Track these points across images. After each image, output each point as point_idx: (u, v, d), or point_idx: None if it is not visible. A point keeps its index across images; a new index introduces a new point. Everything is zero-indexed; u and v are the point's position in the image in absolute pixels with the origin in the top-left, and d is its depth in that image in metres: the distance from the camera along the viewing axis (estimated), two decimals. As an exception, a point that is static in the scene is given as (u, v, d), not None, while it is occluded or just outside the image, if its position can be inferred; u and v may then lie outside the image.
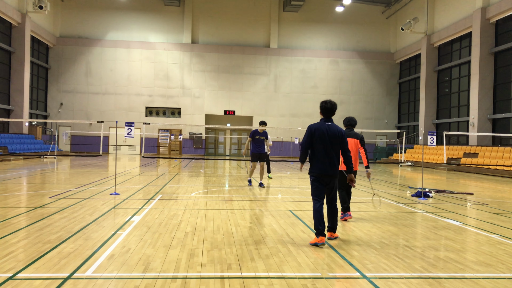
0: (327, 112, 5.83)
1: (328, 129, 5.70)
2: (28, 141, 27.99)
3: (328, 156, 5.68)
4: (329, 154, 5.68)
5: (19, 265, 4.46)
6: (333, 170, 5.70)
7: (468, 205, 9.73)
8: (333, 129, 5.71)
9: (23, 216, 7.17)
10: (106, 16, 35.00)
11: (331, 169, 5.69)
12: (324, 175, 5.69)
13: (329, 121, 5.82)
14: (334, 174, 5.72)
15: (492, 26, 25.18)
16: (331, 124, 5.77)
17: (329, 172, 5.69)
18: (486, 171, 21.15)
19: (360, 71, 36.93)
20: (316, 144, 5.69)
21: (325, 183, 5.75)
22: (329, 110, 5.81)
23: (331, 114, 5.84)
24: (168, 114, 35.46)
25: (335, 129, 5.74)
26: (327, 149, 5.68)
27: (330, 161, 5.69)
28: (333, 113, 5.86)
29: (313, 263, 4.83)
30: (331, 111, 5.82)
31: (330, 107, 5.82)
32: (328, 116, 5.83)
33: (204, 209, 8.33)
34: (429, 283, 4.26)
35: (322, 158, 5.67)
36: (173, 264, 4.66)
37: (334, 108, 5.85)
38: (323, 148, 5.67)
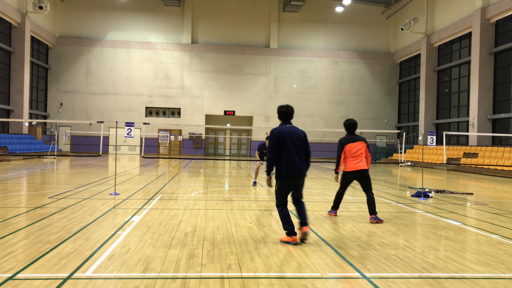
0: (285, 116, 6.02)
1: (292, 131, 5.87)
2: (28, 141, 27.98)
3: (297, 157, 5.81)
4: (298, 155, 5.83)
5: (19, 265, 4.46)
6: (302, 171, 5.86)
7: (468, 205, 9.73)
8: (297, 131, 5.92)
9: (23, 216, 7.17)
10: (106, 16, 35.00)
11: (301, 170, 5.84)
12: (294, 176, 5.80)
13: (288, 123, 6.01)
14: (301, 174, 5.87)
15: (492, 26, 25.18)
16: (292, 126, 5.94)
17: (300, 172, 5.82)
18: (486, 171, 21.15)
19: (360, 71, 36.94)
20: (284, 147, 5.78)
21: (292, 184, 5.85)
22: (286, 114, 6.01)
23: (289, 118, 6.03)
24: (168, 114, 35.46)
25: (300, 131, 5.96)
26: (295, 150, 5.81)
27: (299, 161, 5.83)
28: (291, 116, 6.04)
29: (313, 263, 4.83)
30: (288, 114, 6.01)
31: (286, 111, 6.01)
32: (287, 119, 6.03)
33: (204, 209, 8.33)
34: (429, 283, 4.26)
35: (291, 160, 5.77)
36: (173, 264, 4.66)
37: (291, 111, 6.04)
38: (292, 150, 5.79)
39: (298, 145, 5.83)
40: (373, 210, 7.29)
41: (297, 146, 5.82)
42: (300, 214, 5.89)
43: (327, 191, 11.91)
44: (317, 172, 19.91)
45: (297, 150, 5.82)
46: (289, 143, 5.78)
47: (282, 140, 5.77)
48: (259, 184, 13.41)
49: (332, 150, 34.20)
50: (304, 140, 5.94)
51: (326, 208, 8.86)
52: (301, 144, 5.88)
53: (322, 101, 36.55)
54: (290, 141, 5.78)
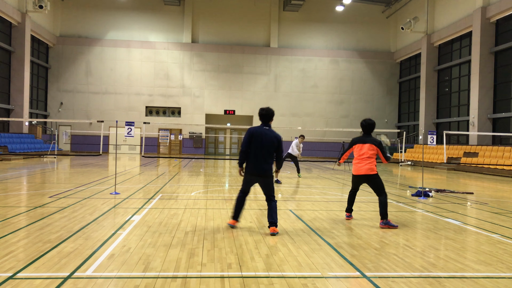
0: (263, 118, 6.43)
1: (265, 133, 6.26)
2: (28, 140, 27.99)
3: (259, 157, 6.22)
4: (260, 156, 6.22)
5: (19, 265, 4.46)
6: (262, 171, 6.23)
7: (468, 205, 9.73)
8: (270, 135, 6.27)
9: (23, 215, 7.17)
10: (106, 15, 34.99)
11: (261, 170, 6.23)
12: (254, 174, 6.27)
13: (266, 125, 6.40)
14: (263, 174, 6.24)
15: (492, 26, 25.17)
16: (268, 129, 6.34)
17: (260, 172, 6.23)
18: (486, 171, 21.14)
19: (360, 70, 36.92)
20: (254, 146, 6.24)
21: (256, 181, 6.34)
22: (265, 116, 6.41)
23: (267, 120, 6.42)
24: (168, 114, 35.46)
25: (272, 135, 6.29)
26: (261, 152, 6.22)
27: (261, 162, 6.23)
28: (270, 118, 6.43)
29: (313, 262, 4.83)
30: (267, 117, 6.41)
31: (265, 113, 6.41)
32: (265, 121, 6.42)
33: (204, 208, 8.33)
34: (429, 282, 4.26)
35: (255, 159, 6.23)
36: (173, 263, 4.66)
37: (270, 114, 6.43)
38: (258, 150, 6.23)
39: (265, 147, 6.21)
40: (383, 213, 6.91)
41: (264, 148, 6.21)
42: (268, 215, 6.23)
43: (327, 191, 11.91)
44: (318, 171, 19.91)
45: (263, 151, 6.21)
46: (258, 143, 6.22)
47: (253, 139, 6.24)
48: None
49: (332, 150, 34.27)
50: (275, 144, 6.26)
51: (326, 207, 8.86)
52: (269, 147, 6.23)
53: (322, 101, 36.55)
54: (259, 142, 6.22)
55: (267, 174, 6.25)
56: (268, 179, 6.27)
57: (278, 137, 6.33)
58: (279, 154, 6.38)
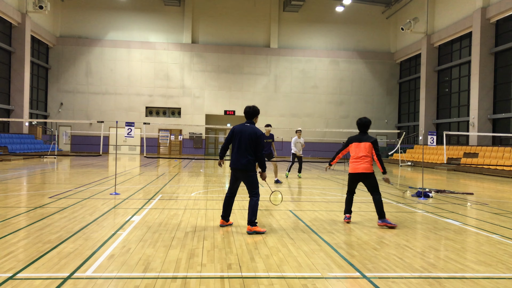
0: (246, 115, 6.74)
1: (244, 129, 6.50)
2: (28, 141, 27.99)
3: (238, 152, 6.45)
4: (239, 151, 6.44)
5: (19, 265, 4.46)
6: (240, 165, 6.41)
7: (468, 205, 9.72)
8: (248, 130, 6.48)
9: (23, 216, 7.17)
10: (106, 16, 35.00)
11: (238, 164, 6.42)
12: (233, 168, 6.50)
13: (248, 122, 6.67)
14: (240, 168, 6.41)
15: (492, 26, 25.18)
16: (248, 126, 6.57)
17: (237, 165, 6.43)
18: (486, 171, 21.14)
19: (360, 71, 36.93)
20: (234, 142, 6.55)
21: (236, 177, 6.56)
22: (246, 113, 6.72)
23: (249, 117, 6.71)
24: (168, 114, 35.46)
25: (251, 130, 6.48)
26: (239, 147, 6.46)
27: (239, 157, 6.43)
28: (252, 116, 6.70)
29: (313, 263, 4.83)
30: (248, 114, 6.71)
31: (247, 110, 6.73)
32: (248, 118, 6.72)
33: (204, 209, 8.33)
34: (429, 283, 4.26)
35: (234, 154, 6.51)
36: (173, 264, 4.66)
37: (251, 111, 6.69)
38: (236, 146, 6.51)
39: (243, 142, 6.43)
40: (380, 213, 6.96)
41: (242, 143, 6.43)
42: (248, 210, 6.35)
43: (327, 191, 11.91)
44: (318, 172, 19.92)
45: (241, 146, 6.43)
46: (237, 139, 6.50)
47: (234, 135, 6.55)
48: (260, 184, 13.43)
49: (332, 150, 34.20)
50: (255, 141, 6.42)
51: (326, 208, 8.86)
52: (247, 142, 6.42)
53: (322, 101, 36.55)
54: (237, 138, 6.50)
55: (246, 168, 6.36)
56: (247, 173, 6.39)
57: (258, 133, 6.44)
58: (257, 150, 6.42)
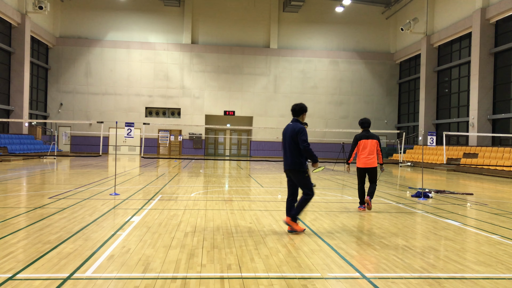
0: (292, 112, 6.58)
1: (286, 129, 6.41)
2: (28, 141, 27.98)
3: (284, 152, 6.42)
4: (285, 151, 6.40)
5: (19, 266, 4.46)
6: (287, 165, 6.35)
7: (468, 206, 9.73)
8: (289, 129, 6.35)
9: (23, 216, 7.17)
10: (106, 16, 35.00)
11: (286, 164, 6.39)
12: (284, 169, 6.49)
13: (293, 121, 6.51)
14: (289, 169, 6.35)
15: (492, 27, 25.19)
16: (290, 124, 6.44)
17: (285, 166, 6.41)
18: (486, 172, 21.15)
19: (360, 71, 36.94)
20: (283, 142, 6.48)
21: (289, 178, 6.48)
22: (293, 110, 6.56)
23: (295, 114, 6.52)
24: (168, 115, 35.46)
25: (291, 128, 6.33)
26: (284, 146, 6.42)
27: (286, 157, 6.39)
28: (297, 113, 6.50)
29: (313, 263, 4.83)
30: (294, 111, 6.54)
31: (293, 108, 6.55)
32: (293, 116, 6.54)
33: (204, 209, 8.33)
34: (429, 283, 4.26)
35: (283, 155, 6.47)
36: (173, 264, 4.66)
37: (297, 109, 6.50)
38: (283, 146, 6.45)
39: (287, 142, 6.33)
40: (372, 193, 8.20)
41: (286, 143, 6.35)
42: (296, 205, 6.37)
43: (327, 191, 11.91)
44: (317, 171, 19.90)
45: (285, 146, 6.36)
46: (283, 139, 6.43)
47: (283, 136, 6.46)
48: (260, 184, 13.43)
49: (332, 150, 34.26)
50: (293, 136, 6.23)
51: (326, 208, 8.86)
52: (290, 142, 6.26)
53: (322, 101, 36.56)
54: (284, 137, 6.42)
55: (293, 168, 6.24)
56: (295, 173, 6.26)
57: (297, 128, 6.21)
58: (301, 146, 6.13)
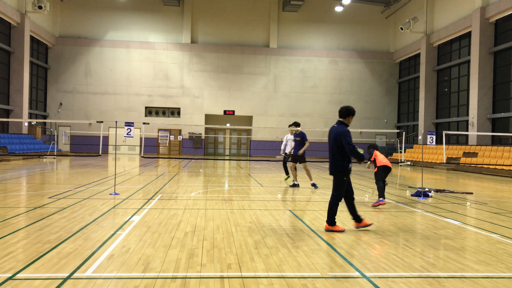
0: (339, 114, 6.56)
1: (330, 131, 6.43)
2: (28, 141, 27.97)
3: (329, 155, 6.45)
4: (329, 153, 6.48)
5: (19, 265, 4.46)
6: (330, 167, 6.44)
7: (468, 205, 9.73)
8: (333, 131, 6.35)
9: (22, 216, 7.16)
10: (105, 16, 34.98)
11: (330, 167, 6.46)
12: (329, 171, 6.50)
13: (337, 123, 6.48)
14: (331, 171, 6.40)
15: (491, 26, 25.19)
16: (334, 126, 6.43)
17: (329, 169, 6.46)
18: (485, 171, 21.15)
19: (359, 70, 36.93)
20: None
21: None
22: (340, 112, 6.55)
23: (341, 116, 6.51)
24: (168, 114, 35.45)
25: (335, 130, 6.34)
26: (329, 148, 6.47)
27: (330, 160, 6.44)
28: (341, 115, 6.50)
29: (313, 262, 4.83)
30: (340, 113, 6.53)
31: (340, 110, 6.55)
32: (339, 117, 6.53)
33: (203, 209, 8.33)
34: (429, 282, 4.26)
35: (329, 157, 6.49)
36: (172, 264, 4.66)
37: (344, 111, 6.49)
38: (329, 148, 6.48)
39: (330, 144, 6.40)
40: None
41: (329, 146, 6.43)
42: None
43: (327, 191, 11.91)
44: (317, 171, 19.90)
45: (329, 148, 6.43)
46: (328, 141, 6.50)
47: (328, 138, 6.51)
48: (260, 184, 13.43)
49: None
50: (337, 138, 6.25)
51: (325, 207, 8.85)
52: (333, 144, 6.30)
53: (321, 101, 36.55)
54: (328, 140, 6.49)
55: (333, 170, 6.34)
56: (334, 175, 6.35)
57: (340, 131, 6.22)
58: (347, 148, 6.16)
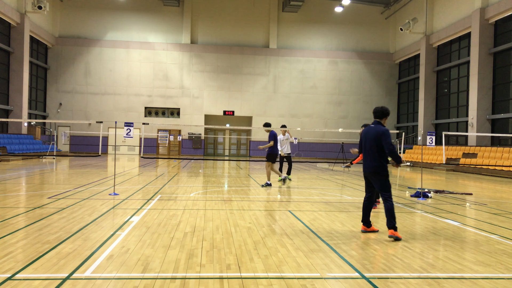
0: (374, 115, 6.55)
1: (369, 131, 6.41)
2: (27, 141, 27.96)
3: (365, 155, 6.41)
4: (366, 154, 6.40)
5: (18, 266, 4.45)
6: (368, 168, 6.35)
7: (467, 205, 9.73)
8: (371, 131, 6.35)
9: (22, 216, 7.16)
10: (105, 16, 34.98)
11: (366, 167, 6.38)
12: (363, 172, 6.50)
13: (374, 123, 6.51)
14: (369, 172, 6.34)
15: (491, 27, 25.21)
16: (372, 126, 6.43)
17: (366, 169, 6.40)
18: (485, 172, 21.16)
19: (359, 71, 36.95)
20: (362, 145, 6.53)
21: (368, 180, 6.51)
22: (375, 113, 6.52)
23: (377, 117, 6.49)
24: (167, 115, 35.45)
25: (374, 130, 6.34)
26: (365, 149, 6.43)
27: (367, 160, 6.38)
28: (377, 115, 6.47)
29: (312, 263, 4.83)
30: (376, 113, 6.52)
31: (376, 110, 6.52)
32: (375, 118, 6.52)
33: (203, 209, 8.33)
34: (428, 283, 4.26)
35: (364, 157, 6.45)
36: (172, 264, 4.66)
37: (380, 111, 6.46)
38: (363, 148, 6.47)
39: (368, 144, 6.34)
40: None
41: (367, 146, 6.36)
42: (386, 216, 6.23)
43: (326, 191, 11.91)
44: (316, 172, 19.92)
45: (366, 149, 6.37)
46: (363, 142, 6.49)
47: (361, 139, 6.54)
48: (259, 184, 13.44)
49: (331, 150, 34.27)
50: (377, 139, 6.23)
51: (325, 208, 8.86)
52: (372, 144, 6.27)
53: (321, 101, 36.57)
54: (363, 141, 6.47)
55: (374, 171, 6.23)
56: (376, 176, 6.24)
57: (380, 131, 6.22)
58: (384, 147, 6.17)
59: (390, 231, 6.08)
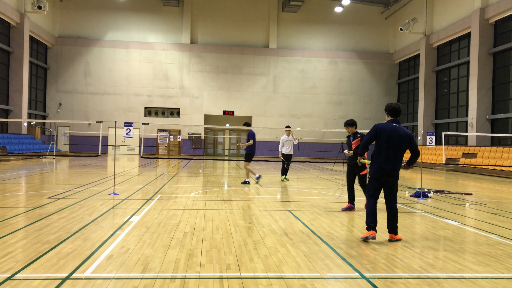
0: (393, 112, 6.15)
1: (396, 130, 5.99)
2: (27, 141, 27.95)
3: (387, 154, 5.97)
4: (388, 153, 5.97)
5: (18, 266, 4.45)
6: (389, 169, 5.98)
7: (467, 205, 9.73)
8: (400, 132, 6.00)
9: (21, 216, 7.16)
10: (105, 16, 34.97)
11: (387, 168, 5.98)
12: (381, 172, 6.01)
13: (396, 122, 6.12)
14: (389, 173, 5.99)
15: (491, 27, 25.21)
16: (398, 126, 6.06)
17: (385, 170, 5.98)
18: (484, 172, 21.17)
19: (359, 71, 36.95)
20: (379, 143, 6.03)
21: (381, 181, 6.07)
22: (394, 110, 6.15)
23: (397, 115, 6.15)
24: (167, 114, 35.45)
25: (403, 132, 6.02)
26: (388, 148, 5.96)
27: (388, 160, 5.98)
28: (398, 113, 6.17)
29: (312, 263, 4.83)
30: (396, 111, 6.16)
31: (396, 107, 6.15)
32: (395, 116, 6.15)
33: (203, 209, 8.33)
34: (428, 283, 4.26)
35: (381, 156, 5.99)
36: (172, 264, 4.66)
37: (400, 109, 6.18)
38: (384, 147, 5.97)
39: (394, 144, 5.94)
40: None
41: (391, 145, 5.94)
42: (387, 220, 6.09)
43: (326, 191, 11.92)
44: (316, 172, 19.91)
45: (390, 148, 5.94)
46: (384, 140, 5.97)
47: (379, 135, 6.00)
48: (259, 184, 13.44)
49: (331, 150, 34.25)
50: (406, 140, 5.98)
51: (325, 208, 8.86)
52: (400, 145, 5.95)
53: (321, 101, 36.57)
54: (385, 139, 5.97)
55: (395, 173, 6.02)
56: (395, 178, 6.05)
57: (409, 133, 6.05)
58: (416, 150, 6.07)
59: (391, 235, 6.07)
